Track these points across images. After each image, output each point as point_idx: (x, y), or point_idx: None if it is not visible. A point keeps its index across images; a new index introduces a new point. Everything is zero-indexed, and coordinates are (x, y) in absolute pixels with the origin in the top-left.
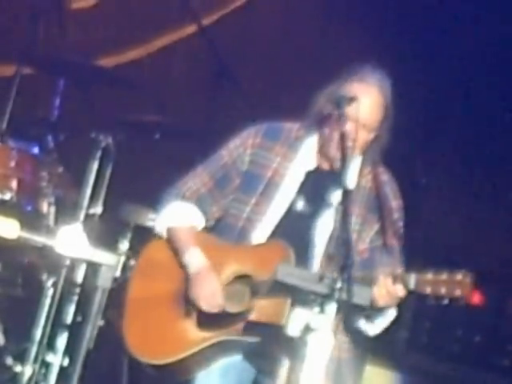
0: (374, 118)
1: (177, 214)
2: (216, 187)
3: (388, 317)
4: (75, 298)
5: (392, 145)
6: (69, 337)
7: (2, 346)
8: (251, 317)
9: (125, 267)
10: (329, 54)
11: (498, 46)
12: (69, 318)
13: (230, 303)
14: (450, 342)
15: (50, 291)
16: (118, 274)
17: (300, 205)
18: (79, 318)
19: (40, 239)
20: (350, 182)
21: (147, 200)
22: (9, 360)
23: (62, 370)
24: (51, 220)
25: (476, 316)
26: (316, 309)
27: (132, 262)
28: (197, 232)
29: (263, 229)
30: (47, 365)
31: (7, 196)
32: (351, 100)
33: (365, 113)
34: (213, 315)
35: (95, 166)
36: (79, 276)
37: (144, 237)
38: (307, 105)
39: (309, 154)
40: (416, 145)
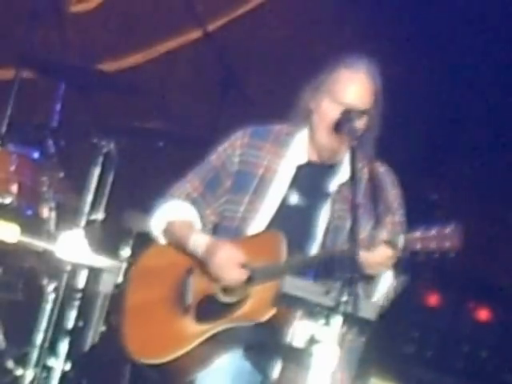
0: (365, 101)
1: (174, 211)
2: (207, 190)
3: (386, 280)
4: (76, 303)
5: (401, 160)
6: (70, 342)
7: (3, 349)
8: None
9: (126, 273)
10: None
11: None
12: (70, 323)
13: (226, 293)
14: (456, 357)
15: (51, 296)
16: (120, 279)
17: (294, 198)
18: (81, 323)
19: (40, 244)
20: (345, 173)
21: (149, 207)
22: (10, 364)
23: (63, 374)
24: (52, 225)
25: (483, 332)
26: (321, 321)
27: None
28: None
29: (257, 225)
30: (48, 369)
31: (7, 200)
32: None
33: (355, 97)
34: (211, 307)
35: (97, 171)
36: (80, 281)
37: (146, 243)
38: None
39: (300, 149)
40: (426, 160)
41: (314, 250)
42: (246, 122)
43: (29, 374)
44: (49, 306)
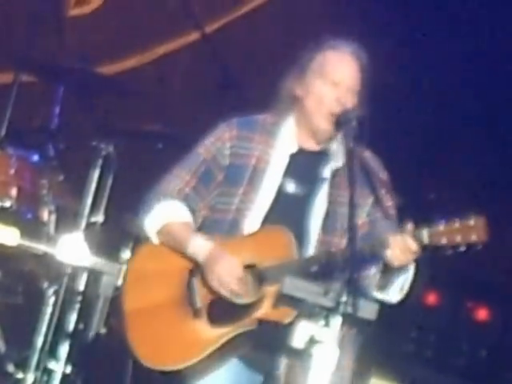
0: (356, 80)
1: (169, 212)
2: (199, 184)
3: (409, 274)
4: (77, 306)
5: (400, 159)
6: (71, 344)
7: (4, 353)
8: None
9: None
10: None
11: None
12: (71, 326)
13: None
14: (455, 356)
15: (52, 299)
16: (120, 282)
17: (291, 187)
18: (81, 326)
19: (40, 247)
20: (338, 158)
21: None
22: (10, 367)
23: (64, 377)
24: (52, 228)
25: (481, 331)
26: (321, 322)
27: None
28: (192, 228)
29: (254, 216)
30: (49, 372)
31: (7, 204)
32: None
33: (348, 76)
34: (225, 310)
35: (96, 174)
36: (81, 284)
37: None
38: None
39: (289, 137)
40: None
41: (313, 236)
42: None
43: (29, 377)
44: (49, 309)
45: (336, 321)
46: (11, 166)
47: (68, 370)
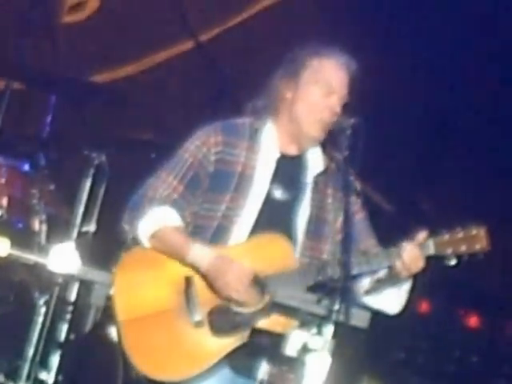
0: (346, 91)
1: (162, 217)
2: (187, 190)
3: (407, 286)
4: (68, 316)
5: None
6: (62, 354)
7: None
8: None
9: None
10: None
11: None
12: (62, 336)
13: (239, 304)
14: (446, 362)
15: (43, 309)
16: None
17: (278, 193)
18: (72, 336)
19: (31, 257)
20: (317, 164)
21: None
22: (1, 377)
23: None
24: (43, 238)
25: (472, 338)
26: (313, 330)
27: None
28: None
29: (243, 223)
30: (40, 382)
31: None
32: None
33: (342, 85)
34: (227, 319)
35: (88, 183)
36: (72, 294)
37: None
38: None
39: (271, 143)
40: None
41: (299, 242)
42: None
43: None
44: (40, 319)
45: (328, 329)
46: (2, 175)
47: (59, 380)
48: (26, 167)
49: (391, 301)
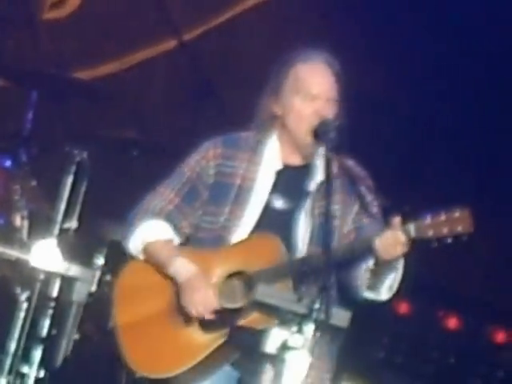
0: (333, 90)
1: (151, 231)
2: (183, 203)
3: (398, 272)
4: (50, 311)
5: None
6: (44, 349)
7: None
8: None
9: (100, 282)
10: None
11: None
12: (44, 331)
13: (229, 300)
14: (425, 363)
15: (24, 305)
16: (94, 288)
17: (278, 203)
18: (54, 332)
19: (13, 253)
20: (321, 172)
21: (123, 216)
22: None
23: (37, 381)
24: (24, 234)
25: (451, 339)
26: (294, 328)
27: (107, 277)
28: (175, 245)
29: (241, 232)
30: (22, 376)
31: None
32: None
33: (324, 88)
34: (216, 315)
35: (69, 180)
36: (54, 290)
37: (120, 252)
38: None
39: (274, 155)
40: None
41: (303, 249)
42: (221, 131)
43: (2, 381)
44: (22, 315)
45: (309, 327)
46: None
47: (41, 374)
48: (8, 163)
49: (382, 289)
